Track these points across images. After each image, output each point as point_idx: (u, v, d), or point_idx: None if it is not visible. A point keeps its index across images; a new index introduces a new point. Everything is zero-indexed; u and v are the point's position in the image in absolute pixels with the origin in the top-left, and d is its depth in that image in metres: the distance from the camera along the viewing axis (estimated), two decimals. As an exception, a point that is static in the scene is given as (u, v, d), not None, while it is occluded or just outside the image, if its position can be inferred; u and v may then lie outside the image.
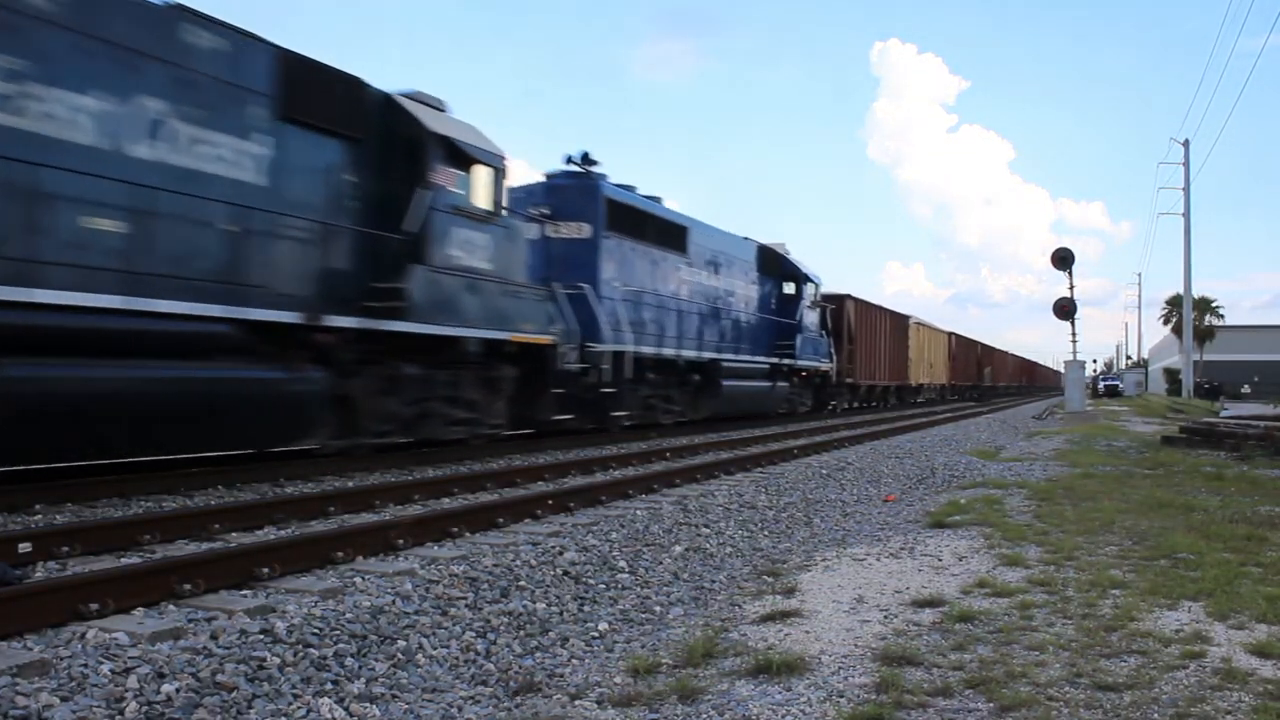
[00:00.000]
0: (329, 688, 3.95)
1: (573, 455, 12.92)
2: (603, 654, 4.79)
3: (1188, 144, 44.16)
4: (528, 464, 11.44)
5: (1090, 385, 61.18)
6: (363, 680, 4.08)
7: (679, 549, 7.18)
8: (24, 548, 5.69)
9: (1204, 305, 73.76)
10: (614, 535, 7.15)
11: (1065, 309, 32.19)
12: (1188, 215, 44.04)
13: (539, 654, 4.76)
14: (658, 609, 5.68)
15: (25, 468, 8.51)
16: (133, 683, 3.63)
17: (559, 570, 6.02)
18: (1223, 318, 79.51)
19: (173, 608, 4.75)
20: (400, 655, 4.40)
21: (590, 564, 6.32)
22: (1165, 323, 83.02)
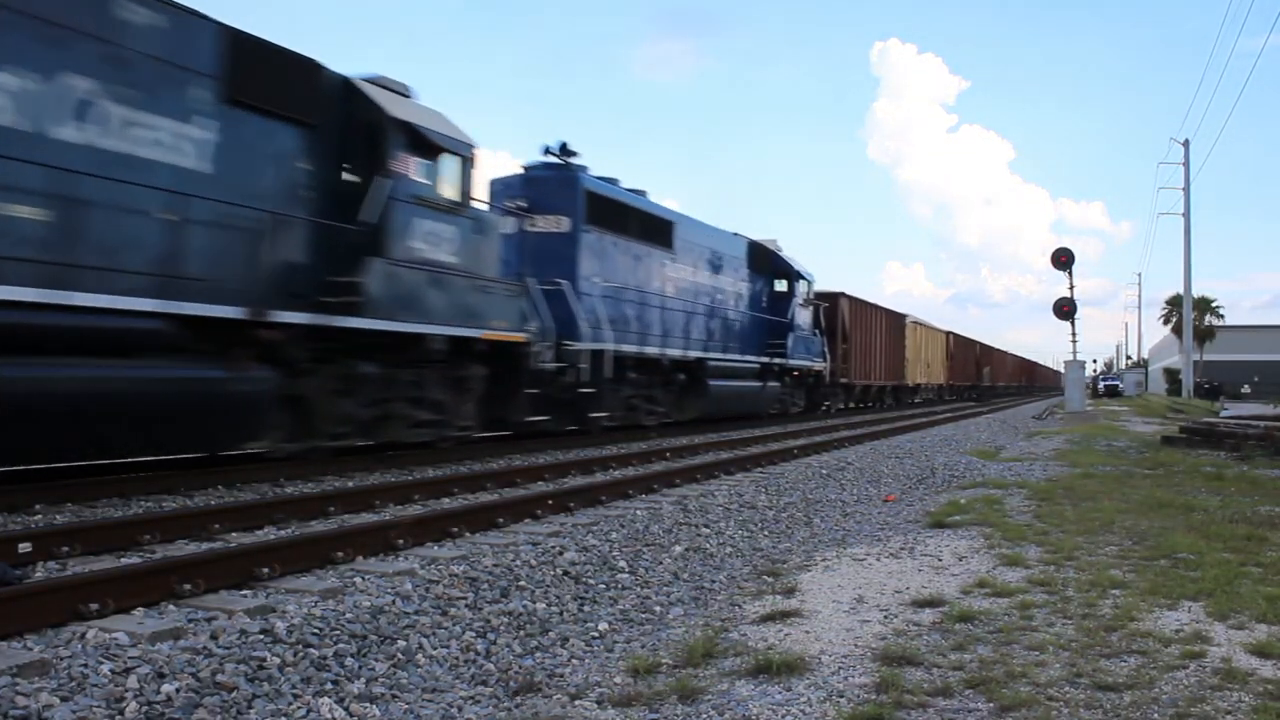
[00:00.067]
0: (329, 688, 3.95)
1: (573, 455, 12.92)
2: (603, 654, 4.79)
3: (1188, 144, 44.25)
4: (528, 464, 11.45)
5: (1090, 385, 61.18)
6: (363, 680, 4.08)
7: (679, 549, 7.18)
8: (24, 548, 5.68)
9: (1204, 305, 73.77)
10: (614, 535, 7.16)
11: (1065, 309, 32.24)
12: (1188, 215, 44.12)
13: (539, 654, 4.76)
14: (658, 609, 5.68)
15: (25, 468, 8.51)
16: (133, 683, 3.63)
17: (559, 570, 6.02)
18: (1223, 318, 79.57)
19: (173, 608, 4.75)
20: (400, 655, 4.40)
21: (590, 564, 6.32)
22: (1165, 323, 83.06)
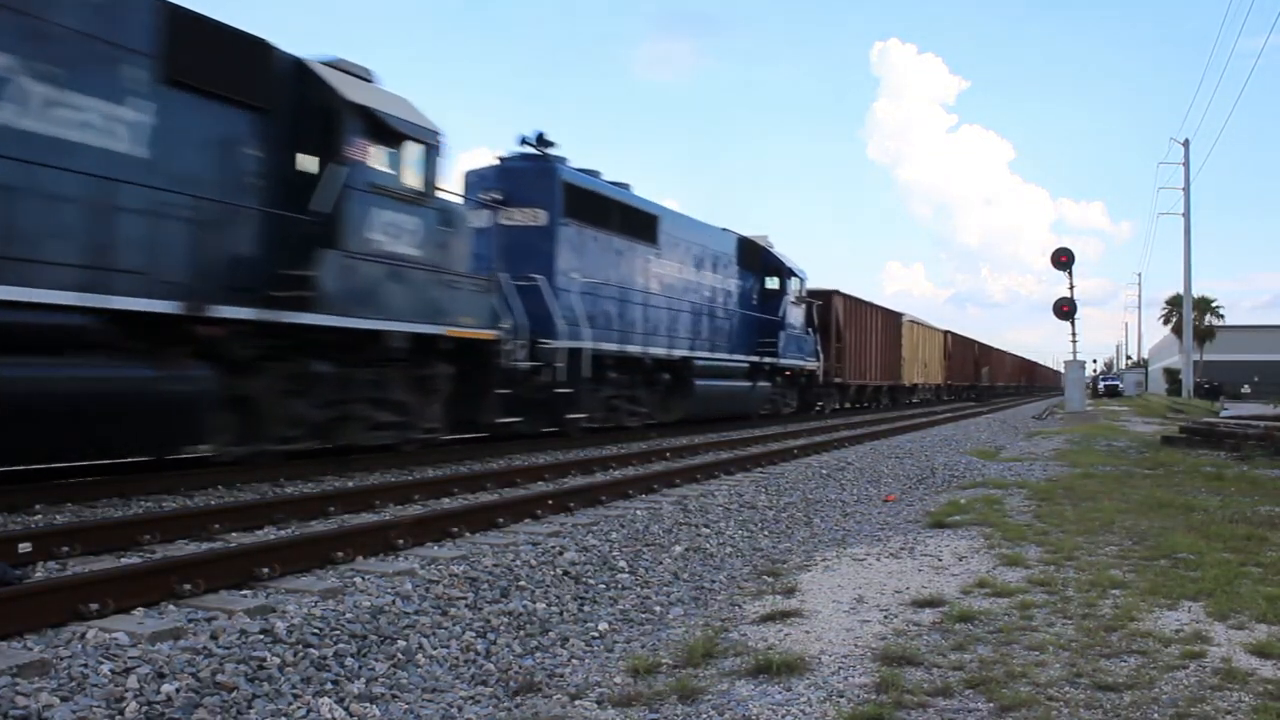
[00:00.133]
0: (329, 688, 3.95)
1: (573, 455, 12.92)
2: (603, 654, 4.79)
3: (1188, 144, 44.24)
4: (528, 464, 11.45)
5: (1090, 385, 61.19)
6: (363, 680, 4.08)
7: (679, 549, 7.18)
8: (24, 548, 5.68)
9: (1204, 305, 73.78)
10: (614, 535, 7.16)
11: (1065, 309, 32.24)
12: (1188, 215, 44.12)
13: (539, 654, 4.76)
14: (658, 609, 5.68)
15: (25, 468, 8.50)
16: (133, 683, 3.63)
17: (559, 570, 6.02)
18: (1223, 318, 79.58)
19: (173, 608, 4.75)
20: (400, 655, 4.40)
21: (590, 564, 6.32)
22: (1165, 323, 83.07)
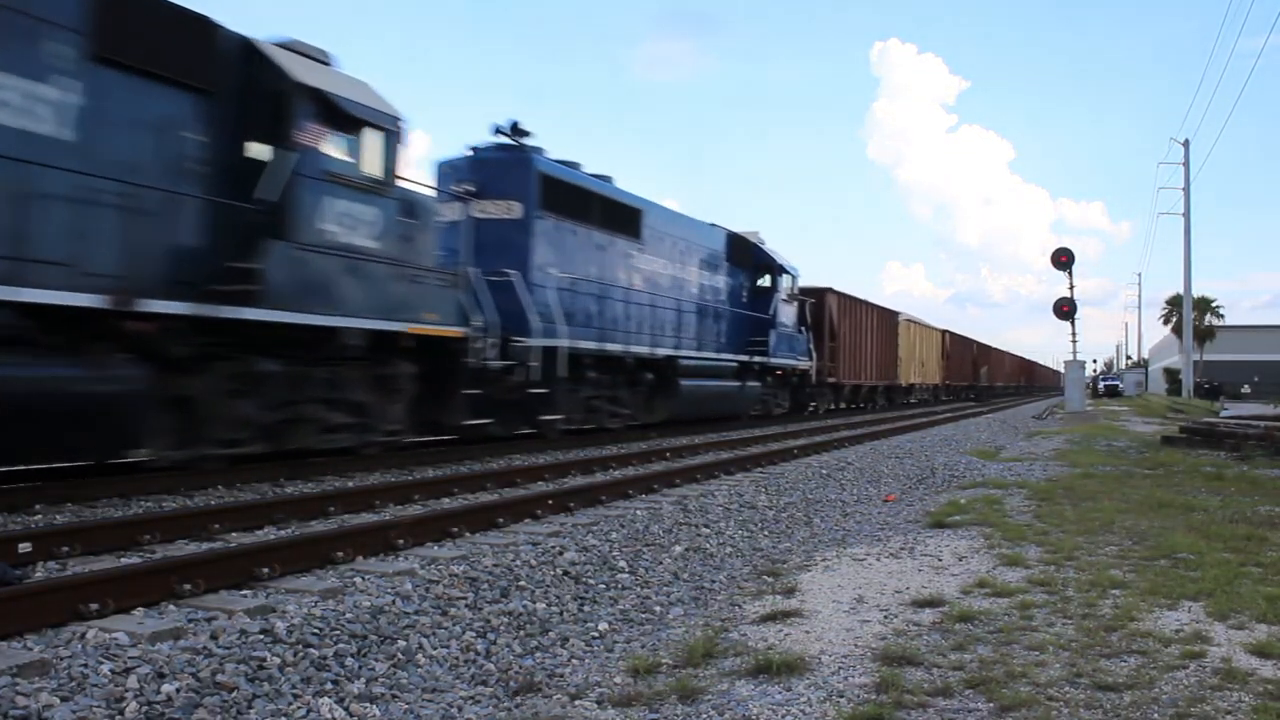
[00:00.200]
0: (329, 688, 3.95)
1: (573, 455, 12.93)
2: (603, 654, 4.79)
3: (1188, 144, 44.25)
4: (528, 464, 11.45)
5: (1090, 385, 61.20)
6: (363, 680, 4.08)
7: (679, 549, 7.18)
8: (24, 548, 5.68)
9: (1204, 305, 73.81)
10: (614, 535, 7.16)
11: (1065, 309, 32.24)
12: (1188, 215, 44.13)
13: (539, 654, 4.76)
14: (658, 609, 5.68)
15: (25, 468, 8.51)
16: (133, 683, 3.63)
17: (559, 570, 6.02)
18: (1223, 318, 79.62)
19: (173, 608, 4.75)
20: (400, 655, 4.40)
21: (590, 564, 6.32)
22: (1165, 323, 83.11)
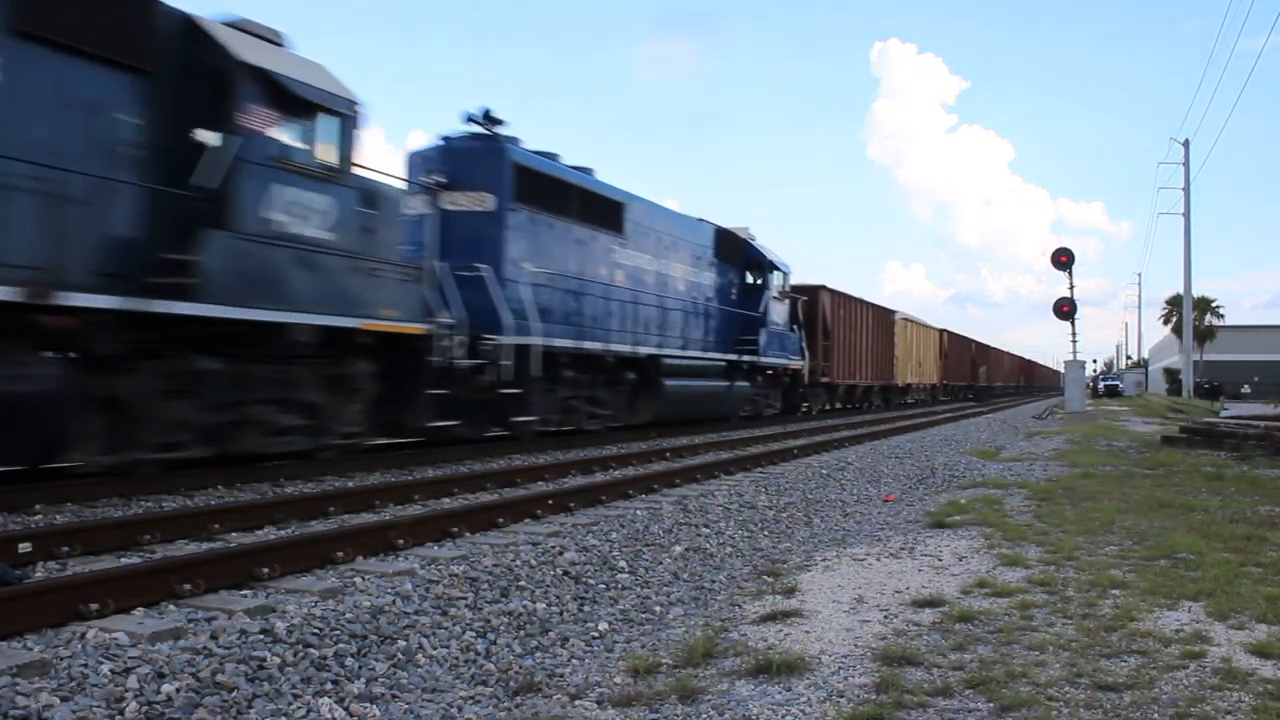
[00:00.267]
0: (329, 688, 3.95)
1: (573, 455, 12.93)
2: (603, 654, 4.79)
3: (1188, 144, 44.27)
4: (528, 464, 11.45)
5: (1090, 385, 61.19)
6: (363, 680, 4.08)
7: (679, 549, 7.18)
8: (24, 548, 5.68)
9: (1204, 305, 73.81)
10: (614, 535, 7.16)
11: (1065, 309, 32.24)
12: (1188, 215, 44.14)
13: (539, 654, 4.76)
14: (658, 609, 5.68)
15: (25, 468, 8.50)
16: (133, 683, 3.63)
17: (559, 570, 6.02)
18: (1223, 318, 79.62)
19: (173, 608, 4.75)
20: (400, 655, 4.40)
21: (590, 564, 6.32)
22: (1165, 323, 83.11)
